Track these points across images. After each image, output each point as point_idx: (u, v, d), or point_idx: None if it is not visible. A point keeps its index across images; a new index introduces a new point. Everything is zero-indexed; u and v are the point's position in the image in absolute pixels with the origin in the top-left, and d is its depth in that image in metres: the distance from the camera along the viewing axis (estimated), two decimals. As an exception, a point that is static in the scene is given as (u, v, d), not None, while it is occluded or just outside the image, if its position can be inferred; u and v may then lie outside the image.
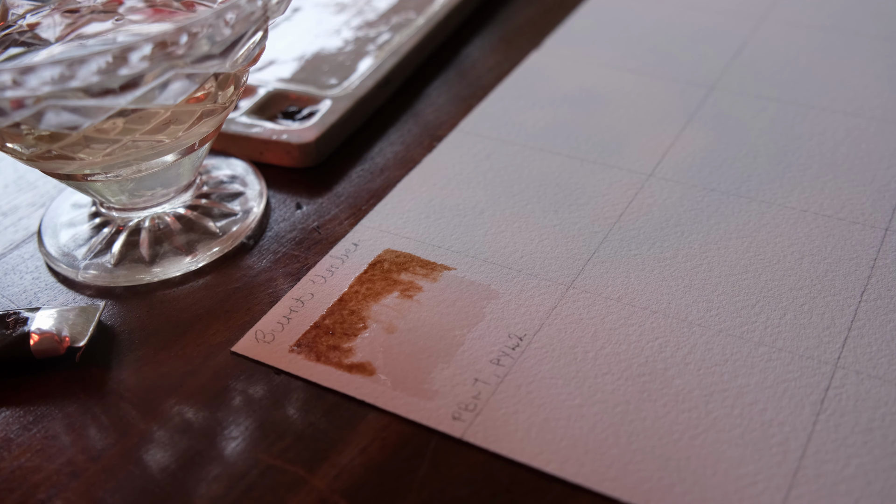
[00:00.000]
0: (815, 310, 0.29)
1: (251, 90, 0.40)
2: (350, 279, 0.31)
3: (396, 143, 0.39)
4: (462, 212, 0.34)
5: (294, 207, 0.35)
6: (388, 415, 0.26)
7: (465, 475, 0.25)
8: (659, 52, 0.43)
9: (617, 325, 0.29)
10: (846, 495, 0.23)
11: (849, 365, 0.27)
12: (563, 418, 0.26)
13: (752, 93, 0.39)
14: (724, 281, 0.30)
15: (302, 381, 0.28)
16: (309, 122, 0.38)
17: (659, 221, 0.33)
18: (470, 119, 0.39)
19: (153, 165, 0.31)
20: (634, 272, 0.31)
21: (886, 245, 0.31)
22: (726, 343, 0.28)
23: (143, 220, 0.33)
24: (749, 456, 0.24)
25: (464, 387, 0.27)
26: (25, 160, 0.29)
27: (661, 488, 0.24)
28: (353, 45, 0.43)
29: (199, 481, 0.25)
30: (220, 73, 0.29)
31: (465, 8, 0.48)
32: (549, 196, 0.34)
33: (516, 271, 0.31)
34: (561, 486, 0.24)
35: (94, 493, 0.25)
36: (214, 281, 0.32)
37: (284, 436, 0.26)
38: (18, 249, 0.35)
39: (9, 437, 0.27)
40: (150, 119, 0.28)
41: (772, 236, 0.32)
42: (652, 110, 0.39)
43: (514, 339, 0.28)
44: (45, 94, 0.25)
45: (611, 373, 0.27)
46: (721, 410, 0.26)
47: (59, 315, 0.29)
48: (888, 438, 0.24)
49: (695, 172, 0.35)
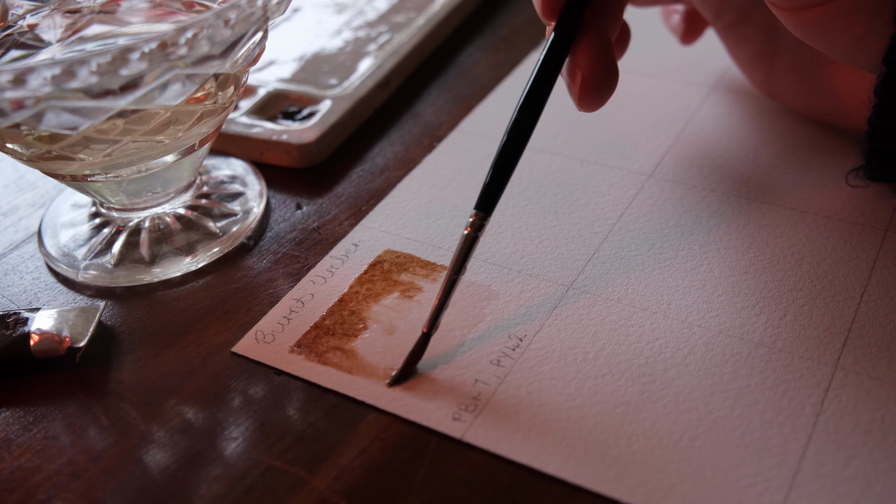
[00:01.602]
0: (815, 311, 0.29)
1: (251, 90, 0.40)
2: (350, 280, 0.31)
3: (396, 144, 0.39)
4: (462, 212, 0.34)
5: (294, 208, 0.35)
6: (388, 415, 0.26)
7: (466, 476, 0.25)
8: (659, 53, 0.43)
9: (617, 326, 0.29)
10: (846, 496, 0.23)
11: (849, 366, 0.27)
12: (564, 419, 0.26)
13: (753, 93, 0.39)
14: (724, 282, 0.30)
15: (302, 381, 0.28)
16: (309, 123, 0.38)
17: (659, 222, 0.33)
18: (470, 119, 0.39)
19: (153, 166, 0.31)
20: (634, 273, 0.31)
21: (886, 246, 0.31)
22: (726, 344, 0.28)
23: (143, 220, 0.33)
24: (749, 457, 0.24)
25: (464, 387, 0.27)
26: (25, 161, 0.29)
27: (661, 489, 0.24)
28: (353, 45, 0.43)
29: (199, 482, 0.25)
30: (220, 74, 0.29)
31: (466, 8, 0.48)
32: (549, 196, 0.34)
33: (516, 272, 0.31)
34: (561, 487, 0.24)
35: (94, 493, 0.25)
36: (214, 281, 0.32)
37: (284, 436, 0.26)
38: (18, 249, 0.35)
39: (9, 438, 0.27)
40: (149, 120, 0.28)
41: (772, 237, 0.32)
42: (652, 110, 0.39)
43: (514, 339, 0.28)
44: (44, 95, 0.25)
45: (611, 374, 0.27)
46: (721, 411, 0.26)
47: (59, 315, 0.29)
48: (888, 439, 0.24)
49: (695, 173, 0.35)
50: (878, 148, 0.30)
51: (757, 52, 0.36)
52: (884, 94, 0.28)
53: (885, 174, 0.31)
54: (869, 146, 0.30)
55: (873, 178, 0.31)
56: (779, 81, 0.36)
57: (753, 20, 0.35)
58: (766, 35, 0.35)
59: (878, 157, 0.30)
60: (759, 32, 0.35)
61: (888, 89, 0.28)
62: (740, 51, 0.36)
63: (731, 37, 0.36)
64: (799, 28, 0.28)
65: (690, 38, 0.39)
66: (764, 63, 0.36)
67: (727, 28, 0.36)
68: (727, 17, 0.35)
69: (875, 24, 0.27)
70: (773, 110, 0.38)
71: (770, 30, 0.34)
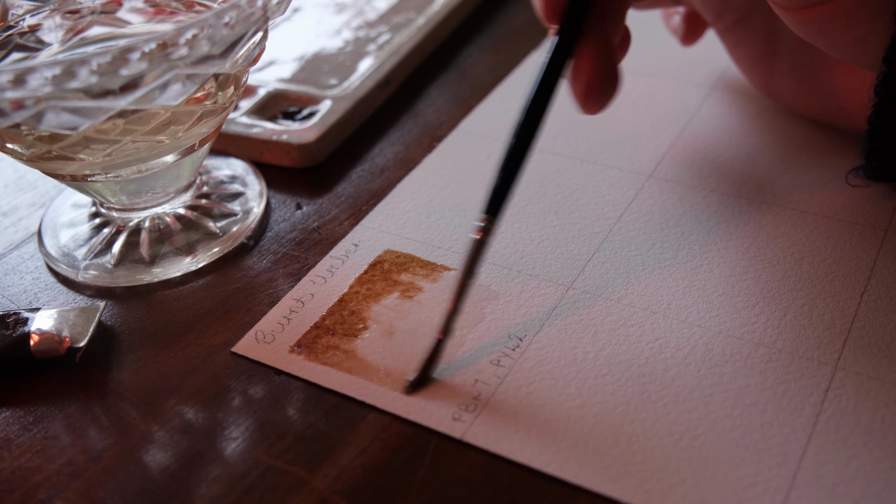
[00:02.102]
0: (815, 311, 0.29)
1: (251, 90, 0.40)
2: (350, 280, 0.31)
3: (396, 144, 0.39)
4: (462, 212, 0.34)
5: (294, 208, 0.35)
6: (388, 415, 0.26)
7: (466, 476, 0.25)
8: (659, 53, 0.43)
9: (617, 326, 0.29)
10: (846, 496, 0.23)
11: (849, 366, 0.27)
12: (564, 419, 0.26)
13: (753, 93, 0.39)
14: (724, 282, 0.30)
15: (302, 381, 0.28)
16: (309, 123, 0.38)
17: (659, 222, 0.33)
18: (470, 119, 0.39)
19: (153, 166, 0.31)
20: (634, 273, 0.31)
21: (886, 246, 0.31)
22: (726, 344, 0.28)
23: (143, 220, 0.33)
24: (749, 457, 0.24)
25: (464, 387, 0.27)
26: (25, 161, 0.29)
27: (662, 489, 0.24)
28: (353, 45, 0.43)
29: (199, 482, 0.25)
30: (220, 74, 0.29)
31: (466, 8, 0.48)
32: (549, 196, 0.34)
33: (516, 272, 0.31)
34: (561, 487, 0.24)
35: (94, 493, 0.25)
36: (214, 281, 0.32)
37: (285, 436, 0.26)
38: (18, 249, 0.35)
39: (9, 438, 0.27)
40: (150, 120, 0.28)
41: (772, 237, 0.32)
42: (652, 110, 0.39)
43: (514, 339, 0.28)
44: (44, 95, 0.25)
45: (611, 374, 0.27)
46: (721, 411, 0.26)
47: (59, 315, 0.29)
48: (888, 439, 0.24)
49: (695, 172, 0.35)
50: (878, 147, 0.30)
51: (757, 54, 0.36)
52: (884, 92, 0.28)
53: (884, 173, 0.31)
54: (869, 145, 0.30)
55: (873, 178, 0.31)
56: (779, 82, 0.36)
57: (754, 21, 0.35)
58: (766, 36, 0.35)
59: (878, 155, 0.30)
60: (759, 34, 0.35)
61: (888, 88, 0.28)
62: (741, 52, 0.36)
63: (732, 38, 0.36)
64: (801, 27, 0.28)
65: (691, 40, 0.39)
66: (764, 64, 0.36)
67: (728, 29, 0.36)
68: (728, 18, 0.35)
69: (876, 23, 0.27)
70: (773, 110, 0.38)
71: (770, 31, 0.34)
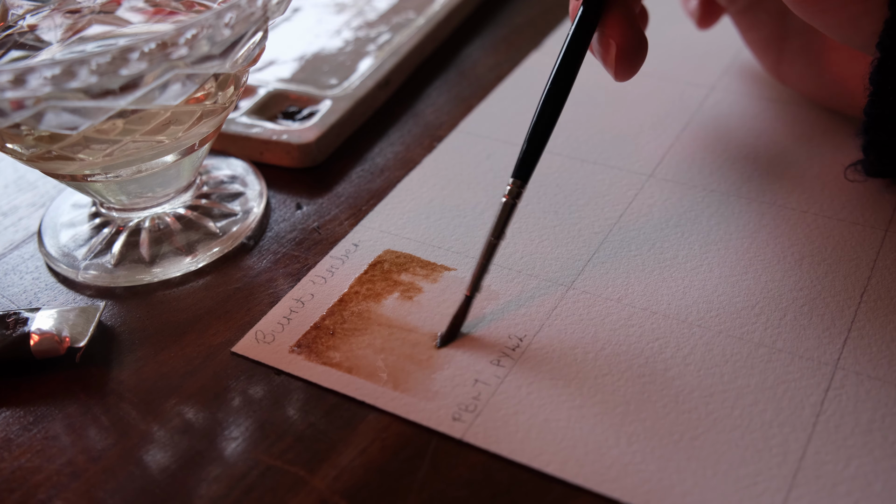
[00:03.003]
0: (815, 311, 0.29)
1: (251, 90, 0.40)
2: (350, 280, 0.31)
3: (396, 144, 0.39)
4: (462, 212, 0.34)
5: (294, 208, 0.35)
6: (388, 415, 0.26)
7: (466, 476, 0.25)
8: (659, 53, 0.42)
9: (617, 326, 0.29)
10: (846, 496, 0.23)
11: (849, 366, 0.27)
12: (564, 419, 0.26)
13: (753, 93, 0.39)
14: (724, 282, 0.30)
15: (302, 381, 0.28)
16: (309, 123, 0.38)
17: (659, 222, 0.33)
18: (470, 119, 0.39)
19: (153, 166, 0.31)
20: (634, 273, 0.31)
21: (886, 246, 0.31)
22: (726, 344, 0.28)
23: (143, 220, 0.33)
24: (749, 457, 0.24)
25: (464, 387, 0.27)
26: (25, 161, 0.29)
27: (662, 489, 0.24)
28: (353, 45, 0.43)
29: (199, 482, 0.25)
30: (220, 74, 0.29)
31: (465, 8, 0.48)
32: (548, 196, 0.34)
33: (516, 272, 0.31)
34: (561, 487, 0.24)
35: (94, 493, 0.25)
36: (214, 281, 0.32)
37: (285, 436, 0.26)
38: (18, 249, 0.35)
39: (9, 438, 0.27)
40: (149, 120, 0.28)
41: (772, 237, 0.32)
42: (652, 110, 0.39)
43: (514, 339, 0.28)
44: (44, 95, 0.25)
45: (611, 374, 0.27)
46: (721, 411, 0.26)
47: (59, 315, 0.29)
48: (888, 439, 0.24)
49: (695, 173, 0.35)
50: (875, 139, 0.30)
51: (768, 37, 0.37)
52: (879, 80, 0.28)
53: (882, 168, 0.31)
54: (866, 137, 0.30)
55: (871, 173, 0.31)
56: (789, 65, 0.37)
57: (765, 5, 0.36)
58: (777, 19, 0.36)
59: (875, 148, 0.30)
60: (770, 17, 0.36)
61: (883, 75, 0.28)
62: (753, 35, 0.38)
63: (745, 21, 0.38)
64: (799, 5, 0.28)
65: (707, 23, 0.40)
66: (775, 47, 0.37)
67: (741, 12, 0.37)
68: (741, 1, 0.37)
69: (869, 4, 0.27)
70: (773, 110, 0.38)
71: (781, 14, 0.36)
